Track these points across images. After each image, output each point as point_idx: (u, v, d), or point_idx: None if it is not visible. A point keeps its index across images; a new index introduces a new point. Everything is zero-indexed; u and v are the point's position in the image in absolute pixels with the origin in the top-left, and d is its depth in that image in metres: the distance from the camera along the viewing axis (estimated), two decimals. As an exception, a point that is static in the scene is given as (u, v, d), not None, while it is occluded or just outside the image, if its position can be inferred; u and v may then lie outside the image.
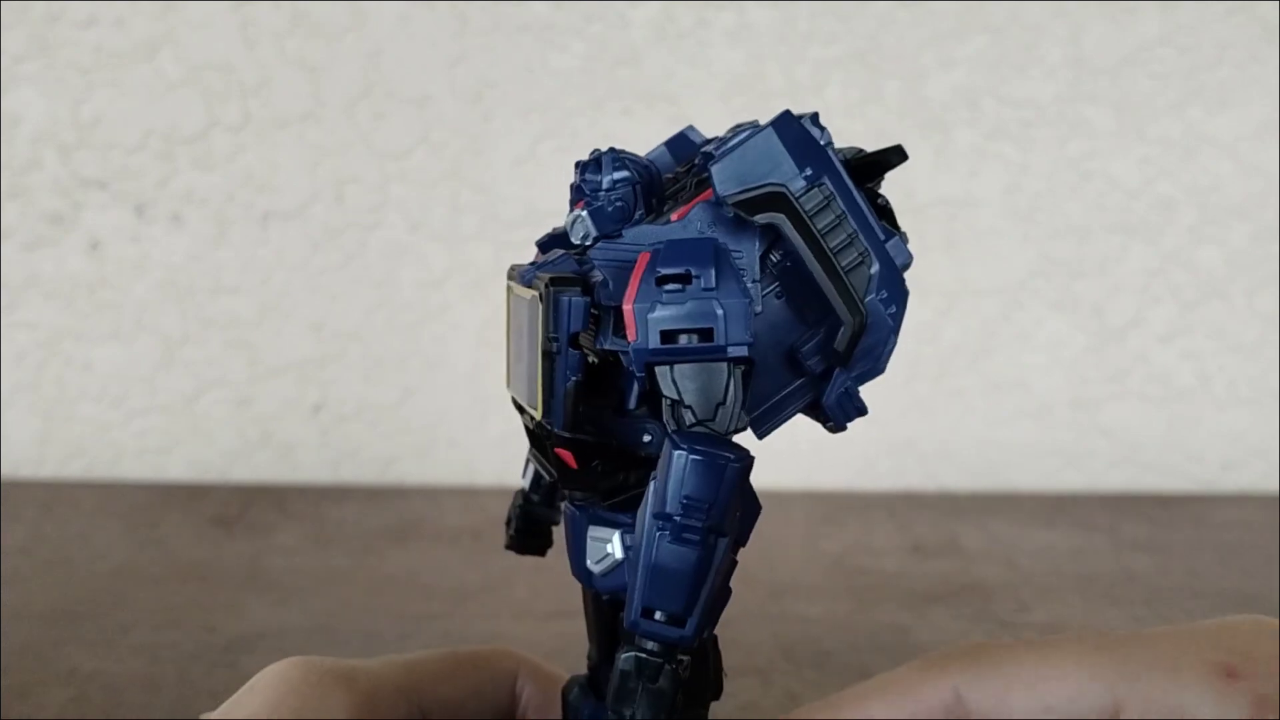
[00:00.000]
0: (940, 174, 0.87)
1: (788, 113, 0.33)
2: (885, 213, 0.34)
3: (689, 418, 0.32)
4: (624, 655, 0.32)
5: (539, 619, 0.65)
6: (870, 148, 0.36)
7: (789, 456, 0.87)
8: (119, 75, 0.85)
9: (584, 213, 0.34)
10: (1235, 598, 0.70)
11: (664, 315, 0.31)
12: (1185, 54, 0.86)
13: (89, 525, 0.79)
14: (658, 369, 0.32)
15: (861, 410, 0.34)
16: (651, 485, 0.31)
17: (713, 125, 0.42)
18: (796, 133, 0.33)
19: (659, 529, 0.31)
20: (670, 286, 0.31)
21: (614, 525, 0.35)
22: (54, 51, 0.85)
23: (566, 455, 0.34)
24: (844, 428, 0.34)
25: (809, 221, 0.32)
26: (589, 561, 0.35)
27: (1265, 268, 0.89)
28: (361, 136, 0.86)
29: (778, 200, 0.32)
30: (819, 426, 0.36)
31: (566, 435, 0.33)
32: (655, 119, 0.86)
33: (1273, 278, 0.89)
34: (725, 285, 0.32)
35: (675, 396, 0.32)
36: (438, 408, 0.89)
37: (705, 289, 0.31)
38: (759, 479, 0.35)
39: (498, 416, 0.88)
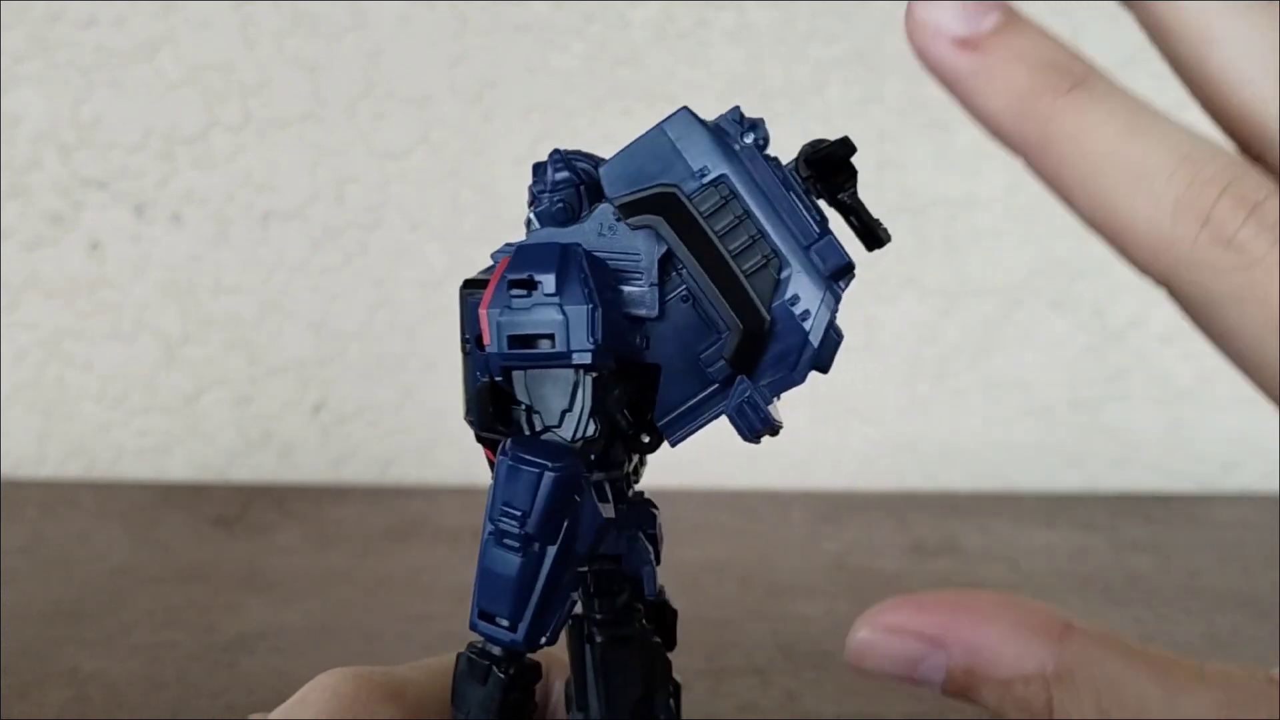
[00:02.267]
0: (940, 174, 0.87)
1: (684, 110, 0.32)
2: (850, 209, 0.33)
3: (539, 423, 0.32)
4: (460, 654, 0.33)
5: (539, 619, 0.65)
6: (870, 148, 0.36)
7: (789, 456, 0.87)
8: (119, 75, 0.85)
9: (532, 213, 0.34)
10: (1235, 598, 0.70)
11: (510, 321, 0.31)
12: (1185, 54, 0.86)
13: (89, 525, 0.79)
14: (514, 374, 0.32)
15: (766, 421, 0.31)
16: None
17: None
18: (692, 131, 0.32)
19: (487, 532, 0.32)
20: (516, 292, 0.31)
21: None
22: (54, 51, 0.85)
23: (488, 453, 0.34)
24: (753, 439, 0.32)
25: (703, 223, 0.31)
26: None
27: (1265, 268, 0.89)
28: (361, 136, 0.86)
29: (667, 201, 0.31)
30: (819, 427, 0.36)
31: (485, 435, 0.34)
32: (655, 119, 0.85)
33: (1273, 278, 0.89)
34: (569, 290, 0.31)
35: (526, 401, 0.32)
36: (438, 408, 0.89)
37: (548, 294, 0.31)
38: (759, 479, 0.35)
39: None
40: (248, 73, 0.85)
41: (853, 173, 0.32)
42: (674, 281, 0.32)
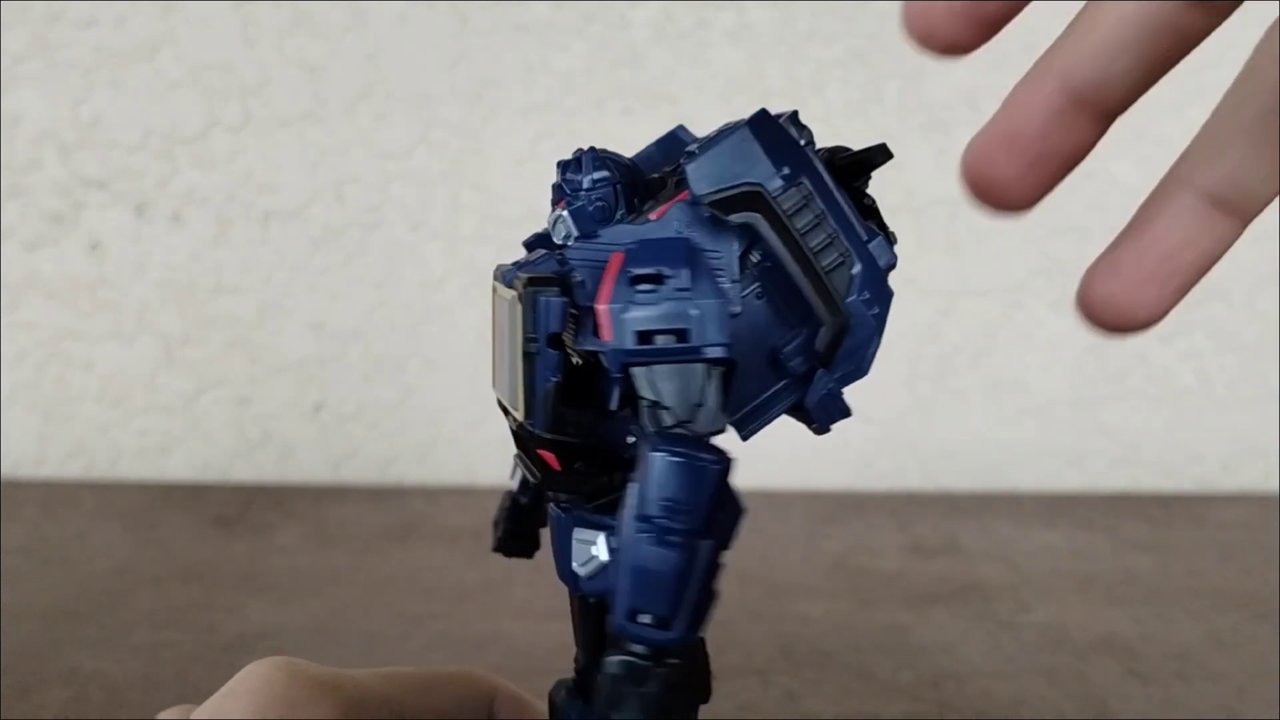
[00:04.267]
0: (940, 174, 0.87)
1: (764, 111, 0.33)
2: (871, 212, 0.34)
3: (667, 419, 0.31)
4: (612, 659, 0.31)
5: (539, 619, 0.65)
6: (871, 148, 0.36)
7: (789, 456, 0.87)
8: (119, 75, 0.85)
9: (565, 212, 0.34)
10: (1235, 598, 0.70)
11: (638, 316, 0.31)
12: (1185, 54, 0.86)
13: (89, 525, 0.79)
14: (634, 370, 0.31)
15: (845, 412, 0.33)
16: (632, 487, 0.31)
17: (712, 125, 0.42)
18: (774, 132, 0.32)
19: (641, 531, 0.31)
20: (644, 287, 0.31)
21: (599, 527, 0.34)
22: (54, 51, 0.85)
23: (549, 457, 0.34)
24: (828, 429, 0.33)
25: (787, 221, 0.32)
26: (574, 564, 0.35)
27: (1265, 268, 0.89)
28: (362, 136, 0.86)
29: (754, 199, 0.32)
30: None
31: (548, 437, 0.33)
32: (655, 119, 0.86)
33: (1273, 278, 0.89)
34: (700, 285, 0.31)
35: (653, 398, 0.31)
36: (438, 408, 0.89)
37: (679, 289, 0.31)
38: (759, 479, 0.35)
39: (497, 416, 0.87)
40: (248, 73, 0.85)
41: (868, 177, 0.34)
42: (748, 278, 0.33)
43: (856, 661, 0.61)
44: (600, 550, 0.34)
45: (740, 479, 0.40)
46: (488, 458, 0.89)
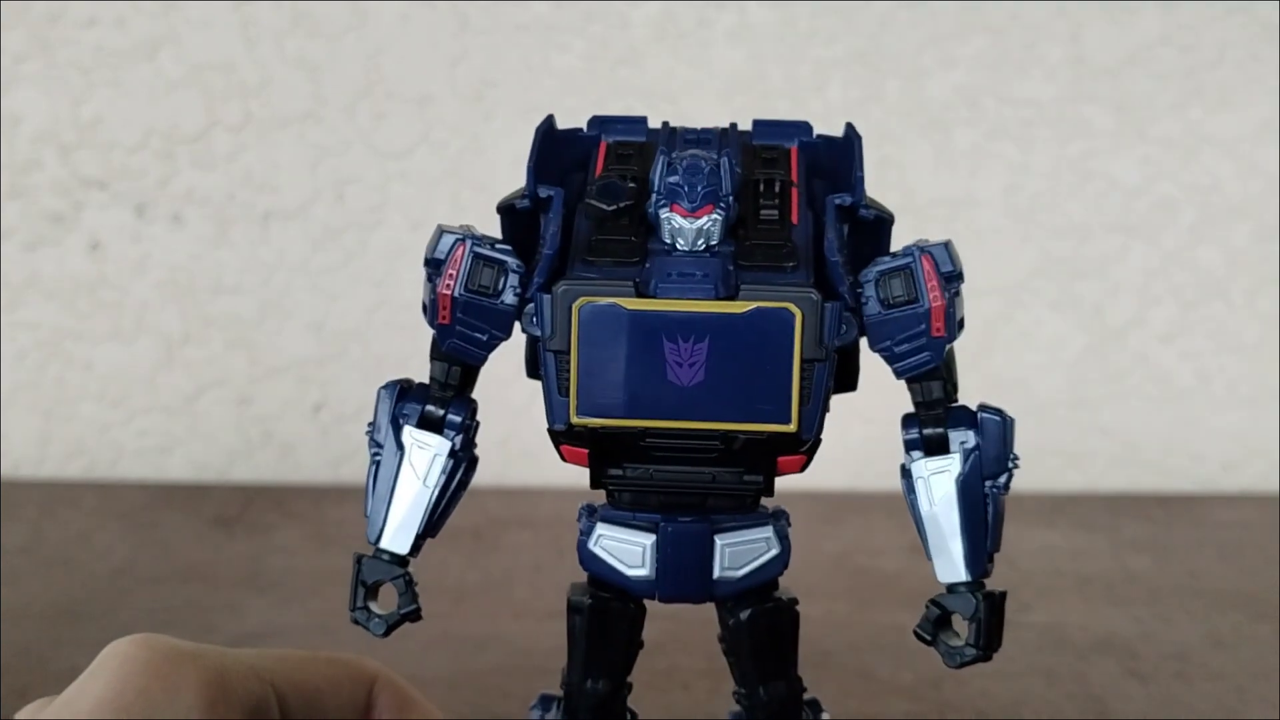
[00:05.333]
0: (940, 174, 0.87)
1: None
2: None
3: (953, 393, 0.38)
4: (979, 603, 0.38)
5: (539, 619, 0.65)
6: (871, 148, 0.37)
7: (789, 456, 0.87)
8: (119, 75, 0.85)
9: (718, 217, 0.36)
10: (1235, 598, 0.70)
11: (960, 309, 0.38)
12: (1185, 54, 0.86)
13: (89, 525, 0.79)
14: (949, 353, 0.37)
15: None
16: (958, 455, 0.37)
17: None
18: None
19: (998, 488, 0.38)
20: (954, 285, 0.37)
21: (754, 525, 0.38)
22: (54, 51, 0.85)
23: (794, 461, 0.38)
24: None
25: None
26: (723, 570, 0.38)
27: (1265, 268, 0.89)
28: (362, 136, 0.86)
29: None
30: None
31: (806, 440, 0.37)
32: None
33: (1273, 278, 0.89)
34: None
35: (950, 377, 0.38)
36: (438, 408, 0.89)
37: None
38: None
39: (497, 416, 0.88)
40: (248, 73, 0.85)
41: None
42: None
43: (856, 661, 0.61)
44: (774, 542, 0.39)
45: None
46: (487, 458, 0.88)
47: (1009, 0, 0.85)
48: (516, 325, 0.38)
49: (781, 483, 0.39)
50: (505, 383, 0.43)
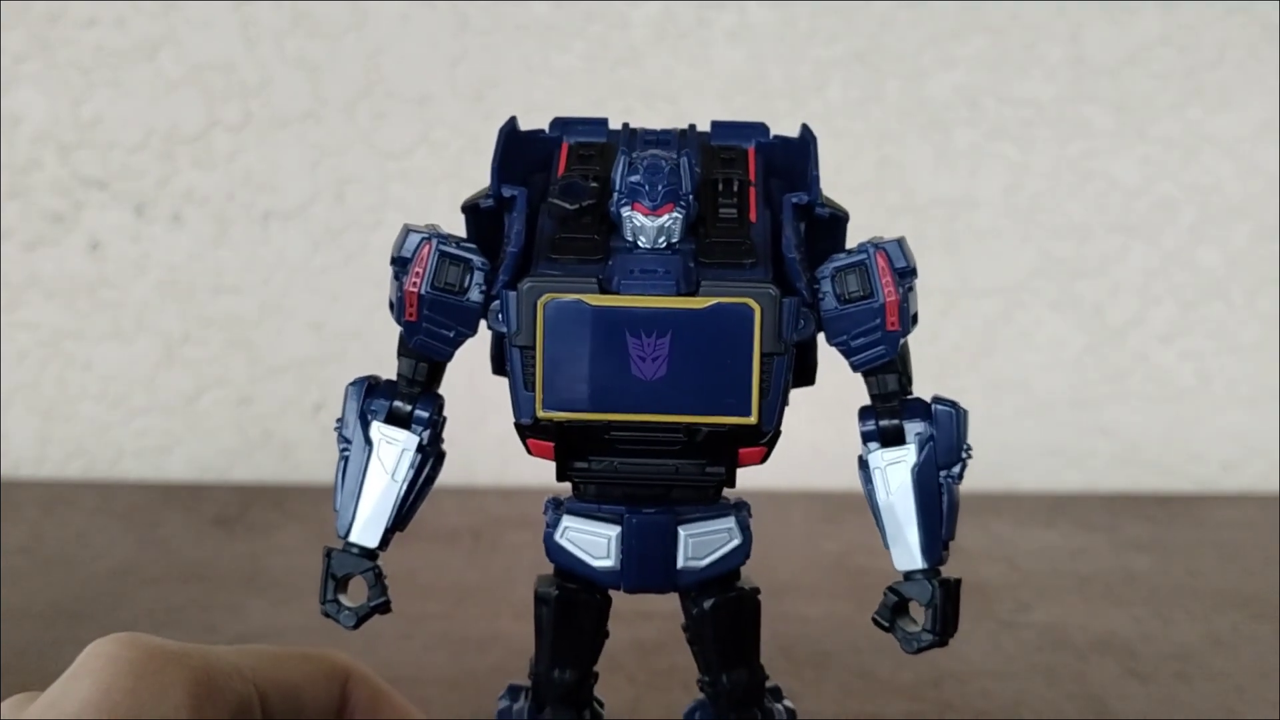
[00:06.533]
0: (940, 174, 0.87)
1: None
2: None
3: (906, 385, 0.39)
4: (935, 590, 0.39)
5: (539, 619, 0.65)
6: (871, 148, 0.37)
7: (789, 457, 0.87)
8: (119, 75, 0.85)
9: (679, 216, 0.36)
10: (1235, 598, 0.70)
11: (914, 303, 0.38)
12: (1185, 54, 0.86)
13: (89, 525, 0.79)
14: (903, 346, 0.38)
15: None
16: (913, 446, 0.38)
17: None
18: None
19: (952, 477, 0.38)
20: (907, 281, 0.38)
21: (717, 516, 0.39)
22: (54, 51, 0.85)
23: (754, 453, 0.38)
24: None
25: None
26: (687, 561, 0.38)
27: (1265, 268, 0.89)
28: (362, 136, 0.86)
29: None
30: (819, 427, 0.37)
31: (766, 432, 0.37)
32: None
33: (1273, 278, 0.89)
34: None
35: (906, 371, 0.39)
36: (438, 408, 0.89)
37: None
38: (759, 480, 0.35)
39: (497, 416, 0.87)
40: (248, 73, 0.85)
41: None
42: None
43: (856, 661, 0.61)
44: (736, 532, 0.40)
45: (740, 479, 0.40)
46: (487, 458, 0.89)
47: (1009, 0, 0.85)
48: (482, 322, 0.38)
49: (781, 483, 0.40)
50: (505, 382, 0.43)
